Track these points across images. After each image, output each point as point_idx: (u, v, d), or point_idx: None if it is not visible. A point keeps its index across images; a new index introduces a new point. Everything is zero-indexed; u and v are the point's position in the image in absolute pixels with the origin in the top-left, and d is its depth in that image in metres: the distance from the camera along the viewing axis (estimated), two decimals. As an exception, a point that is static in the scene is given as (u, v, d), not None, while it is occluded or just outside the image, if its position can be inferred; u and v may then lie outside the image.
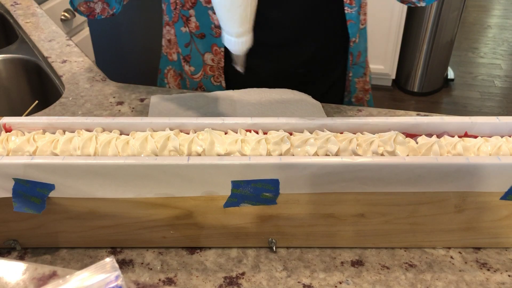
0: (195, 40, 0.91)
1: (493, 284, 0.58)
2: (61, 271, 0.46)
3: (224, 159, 0.56)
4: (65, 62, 1.08)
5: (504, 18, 3.78)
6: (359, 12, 0.88)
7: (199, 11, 0.88)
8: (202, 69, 0.93)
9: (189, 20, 0.89)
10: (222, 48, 0.89)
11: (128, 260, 0.61)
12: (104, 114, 0.89)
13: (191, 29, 0.90)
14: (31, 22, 1.28)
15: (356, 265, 0.61)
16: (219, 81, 0.94)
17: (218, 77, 0.94)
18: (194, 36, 0.90)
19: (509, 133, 0.63)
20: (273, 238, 0.62)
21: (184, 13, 0.89)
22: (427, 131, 0.63)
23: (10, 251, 0.63)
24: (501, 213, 0.59)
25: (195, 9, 0.87)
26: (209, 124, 0.63)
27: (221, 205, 0.58)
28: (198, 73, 0.94)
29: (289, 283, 0.58)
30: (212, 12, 0.86)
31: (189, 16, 0.89)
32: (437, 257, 0.62)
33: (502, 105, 2.70)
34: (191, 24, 0.89)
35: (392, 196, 0.58)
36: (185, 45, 0.92)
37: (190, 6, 0.87)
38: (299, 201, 0.58)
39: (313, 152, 0.59)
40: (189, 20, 0.89)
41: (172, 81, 1.02)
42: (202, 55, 0.91)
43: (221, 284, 0.58)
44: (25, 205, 0.57)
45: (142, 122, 0.63)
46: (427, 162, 0.55)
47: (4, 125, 0.63)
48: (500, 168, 0.56)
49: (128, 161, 0.55)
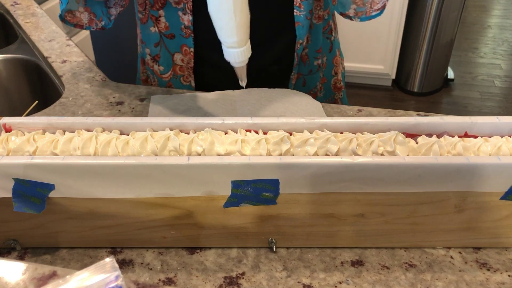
0: (164, 40, 0.91)
1: (493, 284, 0.58)
2: (61, 271, 0.46)
3: (224, 159, 0.56)
4: (65, 62, 1.08)
5: (504, 18, 3.78)
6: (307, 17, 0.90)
7: (169, 12, 0.88)
8: (172, 69, 0.94)
9: (159, 20, 0.90)
10: (192, 49, 0.90)
11: (128, 260, 0.61)
12: (104, 114, 0.89)
13: (161, 29, 0.91)
14: (31, 22, 1.28)
15: (356, 265, 0.61)
16: (189, 81, 0.95)
17: (187, 77, 0.95)
18: (163, 36, 0.91)
19: (509, 133, 0.63)
20: (273, 238, 0.62)
21: (154, 13, 0.90)
22: (427, 131, 0.63)
23: (10, 251, 0.63)
24: (501, 213, 0.59)
25: (165, 9, 0.88)
26: (209, 124, 0.63)
27: (221, 205, 0.58)
28: (167, 72, 0.95)
29: (289, 283, 0.58)
30: (182, 13, 0.87)
31: (159, 16, 0.89)
32: (437, 257, 0.62)
33: (502, 105, 2.70)
34: (161, 24, 0.90)
35: (392, 196, 0.58)
36: (155, 45, 0.92)
37: (159, 6, 0.88)
38: (299, 201, 0.58)
39: (313, 152, 0.59)
40: (158, 20, 0.90)
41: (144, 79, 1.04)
42: (171, 55, 0.92)
43: (221, 284, 0.58)
44: (25, 205, 0.57)
45: (142, 122, 0.63)
46: (427, 162, 0.55)
47: (4, 125, 0.63)
48: (500, 168, 0.56)
49: (128, 161, 0.55)
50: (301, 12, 0.88)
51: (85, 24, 0.84)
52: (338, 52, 1.04)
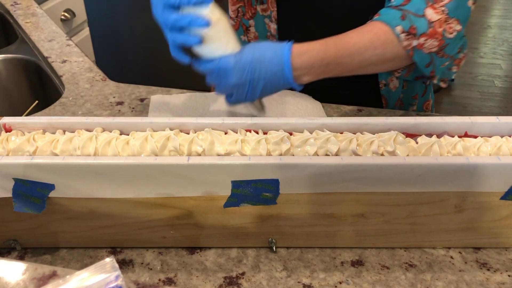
0: None
1: (493, 284, 0.58)
2: (61, 271, 0.46)
3: (224, 159, 0.56)
4: (65, 62, 1.08)
5: (504, 18, 3.78)
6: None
7: (258, 21, 0.89)
8: None
9: (249, 30, 0.90)
10: None
11: (128, 260, 0.61)
12: (104, 114, 0.89)
13: (250, 39, 0.91)
14: (31, 22, 1.28)
15: (356, 265, 0.61)
16: None
17: None
18: None
19: (509, 133, 0.63)
20: (273, 238, 0.62)
21: (245, 23, 0.90)
22: (427, 131, 0.63)
23: (10, 251, 0.63)
24: (501, 213, 0.59)
25: (255, 19, 0.88)
26: (209, 124, 0.63)
27: (221, 205, 0.58)
28: None
29: (289, 283, 0.58)
30: (269, 20, 0.87)
31: (249, 26, 0.89)
32: (437, 257, 0.62)
33: (502, 105, 2.70)
34: (250, 34, 0.90)
35: (392, 196, 0.57)
36: None
37: (250, 16, 0.88)
38: (299, 201, 0.58)
39: (313, 152, 0.59)
40: (248, 30, 0.90)
41: None
42: None
43: (221, 284, 0.58)
44: (25, 205, 0.57)
45: (142, 122, 0.63)
46: (427, 162, 0.55)
47: (4, 125, 0.63)
48: (500, 168, 0.56)
49: (128, 161, 0.55)
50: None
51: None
52: (430, 95, 0.99)
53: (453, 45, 0.72)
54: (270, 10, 0.85)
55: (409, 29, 0.69)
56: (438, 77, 0.79)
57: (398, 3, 0.72)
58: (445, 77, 0.81)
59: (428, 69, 0.75)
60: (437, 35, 0.69)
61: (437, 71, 0.76)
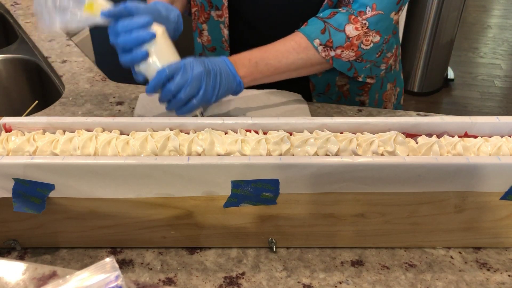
0: (206, 52, 0.94)
1: (493, 284, 0.58)
2: (61, 271, 0.46)
3: (224, 159, 0.56)
4: (65, 62, 1.08)
5: (504, 18, 3.78)
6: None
7: (212, 25, 0.90)
8: None
9: (202, 33, 0.92)
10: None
11: (128, 260, 0.61)
12: (104, 114, 0.89)
13: (203, 42, 0.93)
14: (31, 22, 1.28)
15: (356, 265, 0.61)
16: None
17: None
18: (205, 48, 0.93)
19: (509, 133, 0.63)
20: (273, 238, 0.62)
21: (199, 26, 0.92)
22: (427, 131, 0.63)
23: (10, 251, 0.63)
24: (501, 213, 0.59)
25: (208, 23, 0.90)
26: (209, 124, 0.63)
27: (221, 205, 0.58)
28: None
29: (289, 283, 0.58)
30: (223, 26, 0.88)
31: (202, 29, 0.91)
32: (437, 257, 0.62)
33: (502, 105, 2.70)
34: (203, 37, 0.92)
35: (392, 196, 0.58)
36: (199, 55, 0.95)
37: (203, 20, 0.90)
38: (299, 201, 0.58)
39: (313, 152, 0.59)
40: (201, 33, 0.92)
41: None
42: None
43: (221, 284, 0.58)
44: (25, 205, 0.57)
45: (142, 122, 0.63)
46: (427, 162, 0.55)
47: (4, 125, 0.63)
48: (500, 168, 0.56)
49: (128, 161, 0.55)
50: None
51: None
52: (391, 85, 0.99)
53: (371, 53, 0.80)
54: (224, 17, 0.87)
55: (326, 42, 0.77)
56: (363, 75, 0.87)
57: (324, 16, 0.78)
58: (373, 74, 0.88)
59: (351, 72, 0.83)
60: (353, 47, 0.78)
61: (360, 72, 0.85)
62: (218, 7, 0.87)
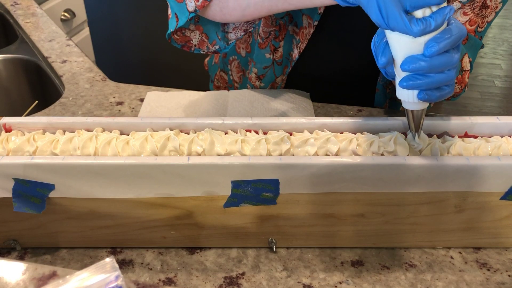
0: (275, 66, 0.93)
1: (493, 284, 0.58)
2: (61, 271, 0.46)
3: (224, 159, 0.56)
4: (65, 62, 1.08)
5: (504, 18, 3.78)
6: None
7: (287, 41, 0.89)
8: (270, 85, 0.95)
9: (277, 50, 0.90)
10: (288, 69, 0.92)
11: (128, 260, 0.61)
12: (104, 114, 0.89)
13: (275, 58, 0.92)
14: (31, 22, 1.28)
15: (356, 265, 0.61)
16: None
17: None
18: (275, 63, 0.92)
19: (509, 133, 0.63)
20: (273, 238, 0.62)
21: (274, 44, 0.90)
22: (427, 131, 0.63)
23: (10, 251, 0.63)
24: (501, 213, 0.59)
25: (285, 40, 0.89)
26: (209, 124, 0.63)
27: (221, 205, 0.58)
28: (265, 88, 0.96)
29: (289, 283, 0.58)
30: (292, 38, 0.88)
31: (278, 47, 0.90)
32: (437, 257, 0.62)
33: (502, 105, 2.70)
34: (277, 54, 0.91)
35: (392, 196, 0.57)
36: (264, 67, 0.93)
37: (282, 38, 0.89)
38: (299, 201, 0.58)
39: (313, 152, 0.59)
40: (276, 50, 0.90)
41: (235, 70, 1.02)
42: (276, 77, 0.94)
43: (221, 284, 0.58)
44: (25, 205, 0.57)
45: (142, 122, 0.63)
46: (427, 162, 0.55)
47: (4, 125, 0.63)
48: (500, 168, 0.56)
49: (128, 161, 0.55)
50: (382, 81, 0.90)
51: (194, 45, 0.79)
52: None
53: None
54: (299, 38, 0.86)
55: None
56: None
57: None
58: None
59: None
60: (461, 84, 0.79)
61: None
62: (297, 24, 0.86)
